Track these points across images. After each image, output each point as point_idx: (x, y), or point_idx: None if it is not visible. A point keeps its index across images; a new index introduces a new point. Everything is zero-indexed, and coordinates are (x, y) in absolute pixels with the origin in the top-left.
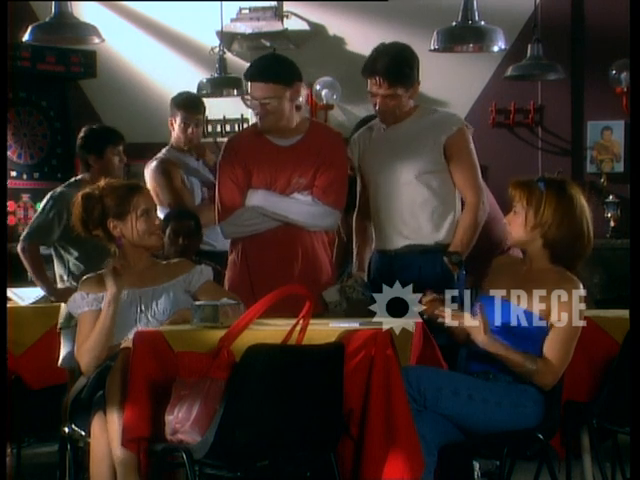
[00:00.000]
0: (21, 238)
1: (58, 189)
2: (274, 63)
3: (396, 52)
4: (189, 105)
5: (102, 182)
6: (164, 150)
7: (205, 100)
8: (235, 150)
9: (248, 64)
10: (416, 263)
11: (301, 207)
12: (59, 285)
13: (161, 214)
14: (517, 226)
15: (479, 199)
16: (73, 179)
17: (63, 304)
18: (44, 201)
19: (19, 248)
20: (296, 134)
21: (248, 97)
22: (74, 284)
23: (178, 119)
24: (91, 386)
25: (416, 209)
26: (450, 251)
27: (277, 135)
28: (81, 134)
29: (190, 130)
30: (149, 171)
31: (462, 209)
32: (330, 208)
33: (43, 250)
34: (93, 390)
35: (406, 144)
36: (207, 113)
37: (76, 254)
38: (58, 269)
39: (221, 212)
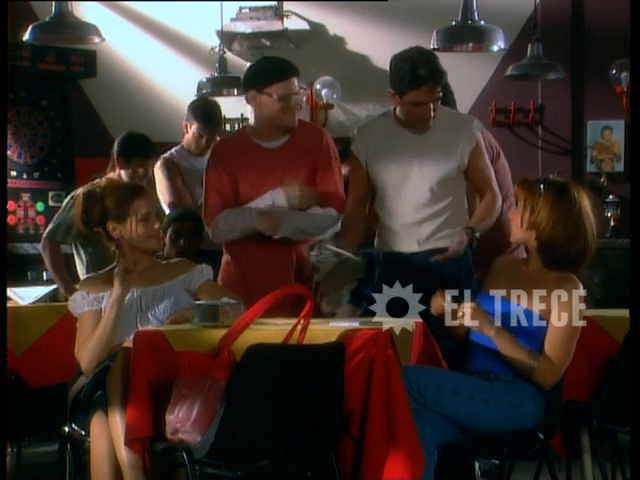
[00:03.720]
0: (43, 236)
1: (80, 189)
2: (285, 59)
3: (431, 54)
4: (207, 120)
5: (104, 181)
6: (174, 149)
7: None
8: (221, 156)
9: (248, 63)
10: (435, 265)
11: (314, 220)
12: None
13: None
14: (515, 225)
15: (497, 196)
16: (98, 179)
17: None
18: (65, 200)
19: (40, 246)
20: (283, 135)
21: (270, 96)
22: None
23: (194, 127)
24: (89, 386)
25: (438, 214)
26: (467, 226)
27: (265, 138)
28: (121, 135)
29: (204, 141)
30: (155, 169)
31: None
32: (336, 213)
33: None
34: (91, 390)
35: (432, 152)
36: None
37: (93, 252)
38: (79, 267)
39: (206, 219)
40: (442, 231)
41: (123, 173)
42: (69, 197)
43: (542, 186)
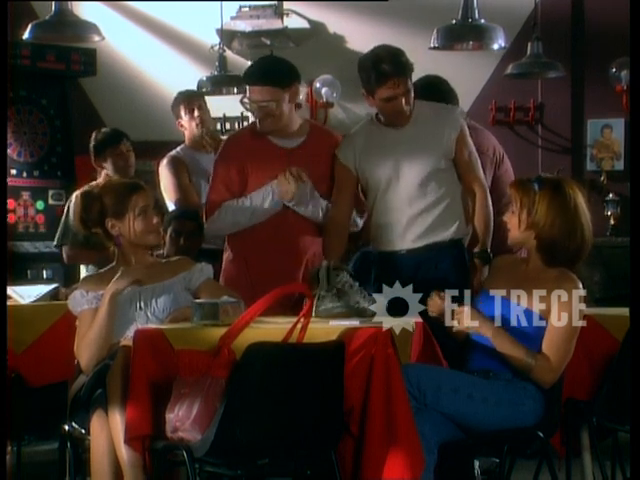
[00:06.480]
0: (54, 245)
1: (78, 191)
2: (272, 65)
3: (394, 49)
4: (187, 94)
5: (102, 180)
6: (178, 148)
7: (205, 98)
8: (233, 150)
9: (248, 62)
10: (432, 259)
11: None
12: None
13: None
14: (513, 226)
15: (485, 189)
16: (94, 182)
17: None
18: (67, 205)
19: (64, 258)
20: (298, 136)
21: (247, 100)
22: None
23: (182, 111)
24: (89, 384)
25: (431, 207)
26: (480, 251)
27: (279, 136)
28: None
29: (197, 113)
30: (160, 167)
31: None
32: None
33: (43, 248)
34: (92, 388)
35: (419, 144)
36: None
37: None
38: (82, 269)
39: (207, 211)
40: (437, 227)
41: (108, 171)
42: (69, 201)
43: (537, 185)
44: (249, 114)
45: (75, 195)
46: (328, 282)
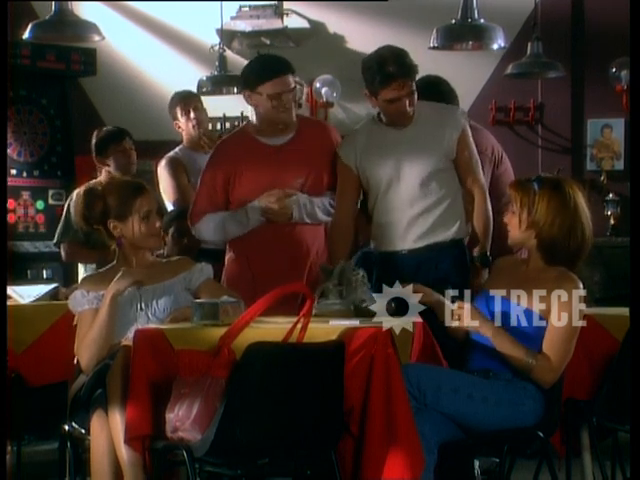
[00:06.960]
0: (53, 243)
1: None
2: (277, 57)
3: (398, 50)
4: (183, 95)
5: (105, 178)
6: (176, 148)
7: (205, 98)
8: (223, 156)
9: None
10: (433, 260)
11: (328, 209)
12: None
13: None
14: (513, 227)
15: (485, 191)
16: (93, 181)
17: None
18: (67, 203)
19: (63, 256)
20: (287, 133)
21: (272, 93)
22: None
23: (179, 113)
24: (89, 384)
25: (432, 208)
26: (479, 254)
27: (267, 135)
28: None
29: (193, 114)
30: (159, 168)
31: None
32: None
33: (43, 248)
34: (92, 388)
35: (420, 144)
36: (207, 111)
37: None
38: (81, 268)
39: (191, 216)
40: (438, 227)
41: (109, 169)
42: (69, 199)
43: (536, 184)
44: (249, 114)
45: (77, 192)
46: (341, 278)
